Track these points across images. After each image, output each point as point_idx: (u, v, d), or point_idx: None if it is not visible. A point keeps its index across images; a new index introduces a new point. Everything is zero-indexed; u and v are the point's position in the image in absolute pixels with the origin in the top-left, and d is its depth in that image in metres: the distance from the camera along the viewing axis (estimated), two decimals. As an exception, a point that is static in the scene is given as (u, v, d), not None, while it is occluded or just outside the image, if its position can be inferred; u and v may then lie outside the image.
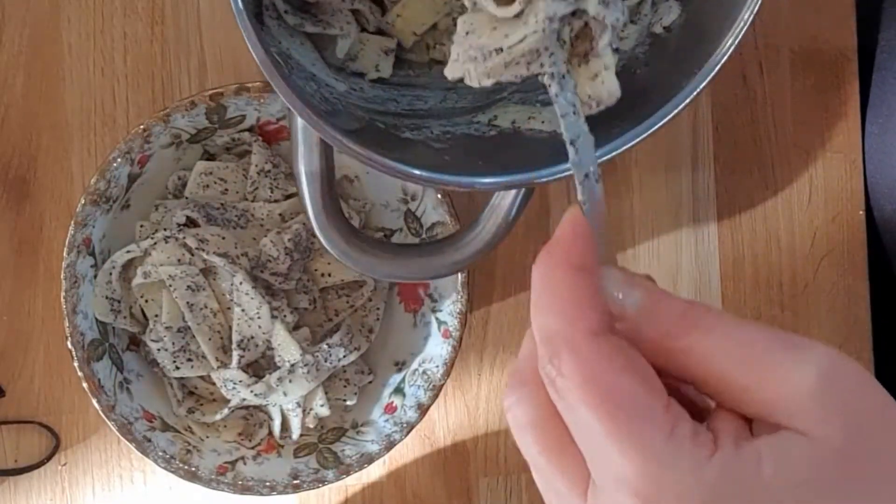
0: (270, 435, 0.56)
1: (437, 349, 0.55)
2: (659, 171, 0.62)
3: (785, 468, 0.29)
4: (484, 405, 0.60)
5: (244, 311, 0.52)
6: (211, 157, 0.55)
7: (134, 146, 0.51)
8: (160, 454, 0.52)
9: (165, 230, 0.53)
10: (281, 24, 0.46)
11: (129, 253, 0.53)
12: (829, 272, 0.64)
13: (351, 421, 0.56)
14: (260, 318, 0.53)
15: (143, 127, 0.51)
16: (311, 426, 0.55)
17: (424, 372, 0.55)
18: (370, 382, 0.56)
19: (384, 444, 0.54)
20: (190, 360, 0.54)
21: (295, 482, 0.53)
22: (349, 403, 0.56)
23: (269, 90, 0.51)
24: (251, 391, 0.53)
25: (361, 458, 0.53)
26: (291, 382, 0.53)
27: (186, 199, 0.54)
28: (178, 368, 0.54)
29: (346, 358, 0.53)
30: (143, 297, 0.53)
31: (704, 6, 0.44)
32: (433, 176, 0.41)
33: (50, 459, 0.56)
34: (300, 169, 0.44)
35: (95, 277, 0.52)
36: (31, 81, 0.55)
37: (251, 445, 0.55)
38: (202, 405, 0.55)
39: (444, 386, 0.54)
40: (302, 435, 0.55)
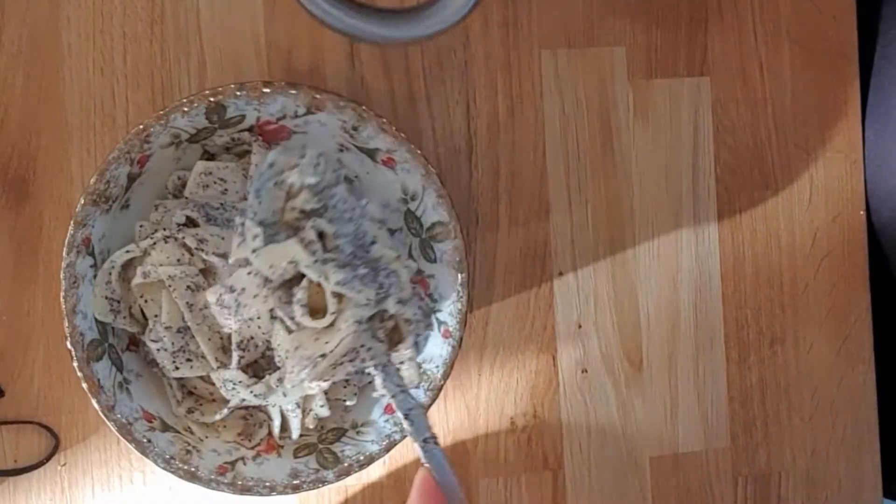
0: (270, 435, 0.56)
1: (437, 349, 0.55)
2: (659, 170, 0.62)
3: None
4: (484, 405, 0.60)
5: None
6: (211, 157, 0.55)
7: (133, 146, 0.51)
8: (160, 454, 0.52)
9: (165, 230, 0.53)
10: None
11: (128, 253, 0.53)
12: (829, 272, 0.64)
13: (351, 421, 0.56)
14: (259, 318, 0.53)
15: (142, 127, 0.51)
16: (310, 426, 0.55)
17: (424, 372, 0.54)
18: (370, 382, 0.56)
19: (384, 444, 0.54)
20: (189, 360, 0.54)
21: (295, 482, 0.53)
22: (349, 404, 0.56)
23: (268, 89, 0.51)
24: (251, 391, 0.53)
25: (361, 458, 0.53)
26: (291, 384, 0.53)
27: (186, 199, 0.54)
28: (177, 368, 0.54)
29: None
30: (142, 296, 0.53)
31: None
32: None
33: (50, 459, 0.56)
34: None
35: (95, 277, 0.52)
36: (31, 81, 0.55)
37: (251, 445, 0.55)
38: (201, 405, 0.55)
39: (444, 386, 0.54)
40: (302, 435, 0.55)
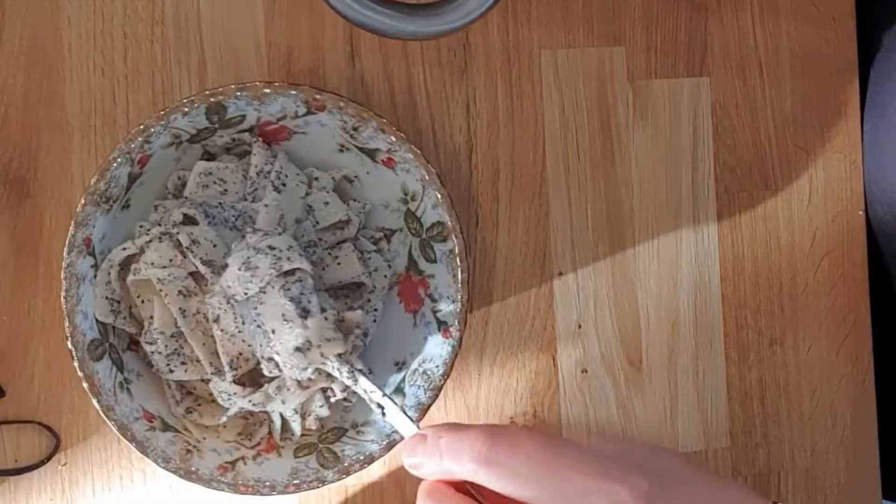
0: (270, 434, 0.56)
1: (437, 349, 0.55)
2: (659, 171, 0.62)
3: None
4: (484, 405, 0.60)
5: (223, 330, 0.52)
6: (211, 157, 0.55)
7: (134, 146, 0.51)
8: (160, 454, 0.52)
9: (161, 227, 0.52)
10: None
11: (124, 250, 0.52)
12: (829, 272, 0.64)
13: (351, 421, 0.56)
14: (240, 331, 0.52)
15: (143, 127, 0.51)
16: (312, 428, 0.55)
17: (424, 372, 0.54)
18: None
19: (384, 443, 0.53)
20: (184, 363, 0.53)
21: (295, 482, 0.53)
22: (349, 403, 0.56)
23: (268, 90, 0.51)
24: (249, 401, 0.53)
25: (361, 458, 0.53)
26: (290, 391, 0.53)
27: (186, 198, 0.54)
28: (171, 371, 0.53)
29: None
30: (139, 296, 0.53)
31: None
32: None
33: (50, 459, 0.56)
34: None
35: (95, 277, 0.52)
36: (31, 81, 0.55)
37: (251, 445, 0.55)
38: (200, 405, 0.55)
39: (443, 386, 0.54)
40: (302, 435, 0.55)
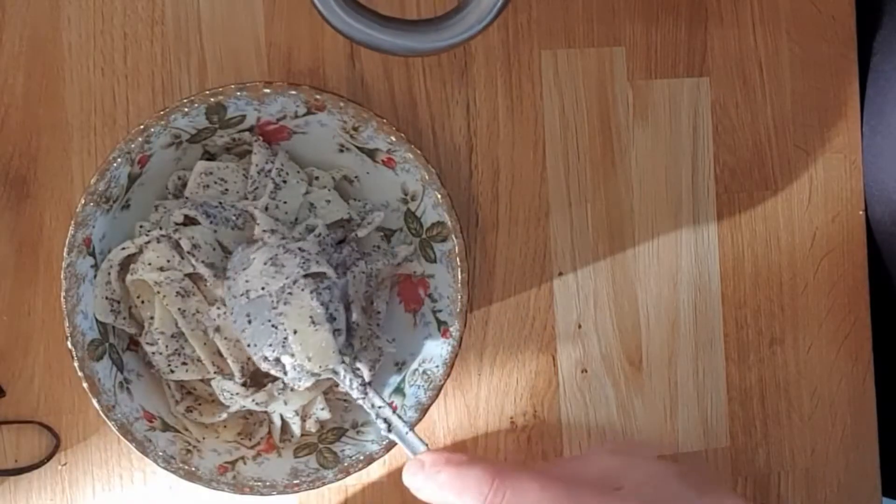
0: (270, 434, 0.56)
1: (437, 349, 0.55)
2: (659, 171, 0.62)
3: None
4: (484, 405, 0.60)
5: (227, 338, 0.52)
6: (211, 157, 0.55)
7: (134, 146, 0.51)
8: (160, 454, 0.52)
9: (161, 229, 0.52)
10: None
11: (124, 250, 0.52)
12: (828, 272, 0.64)
13: (351, 421, 0.56)
14: (243, 332, 0.52)
15: (143, 127, 0.51)
16: (312, 430, 0.55)
17: (424, 372, 0.54)
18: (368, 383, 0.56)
19: (384, 443, 0.53)
20: (185, 363, 0.53)
21: (295, 482, 0.53)
22: (355, 396, 0.55)
23: (268, 90, 0.51)
24: (252, 400, 0.53)
25: (361, 458, 0.53)
26: (293, 391, 0.53)
27: (186, 199, 0.54)
28: (172, 372, 0.53)
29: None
30: (138, 297, 0.53)
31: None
32: None
33: (50, 459, 0.56)
34: None
35: (95, 277, 0.52)
36: (31, 81, 0.55)
37: (251, 444, 0.55)
38: (200, 405, 0.55)
39: (443, 386, 0.54)
40: (302, 435, 0.55)
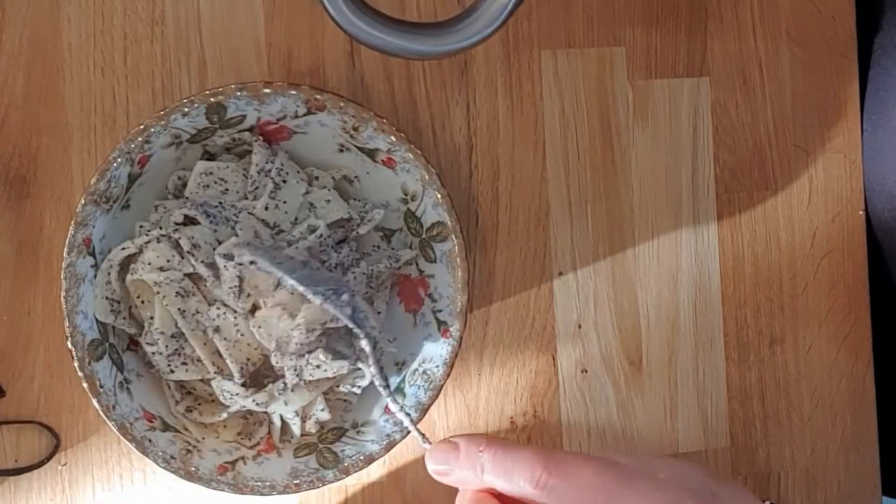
0: (270, 433, 0.56)
1: (437, 349, 0.55)
2: (659, 171, 0.62)
3: None
4: (484, 405, 0.60)
5: (226, 339, 0.52)
6: (211, 157, 0.55)
7: (134, 146, 0.51)
8: (160, 454, 0.52)
9: (161, 229, 0.52)
10: None
11: (124, 250, 0.52)
12: (828, 272, 0.64)
13: (351, 421, 0.56)
14: (242, 335, 0.52)
15: (143, 127, 0.51)
16: (312, 431, 0.55)
17: (424, 372, 0.54)
18: (370, 382, 0.56)
19: (384, 444, 0.53)
20: (185, 363, 0.53)
21: (295, 482, 0.53)
22: (355, 390, 0.55)
23: (268, 90, 0.51)
24: (253, 401, 0.53)
25: (361, 458, 0.53)
26: (294, 392, 0.53)
27: (186, 199, 0.54)
28: (172, 372, 0.53)
29: (342, 369, 0.53)
30: (138, 297, 0.53)
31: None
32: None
33: (50, 459, 0.56)
34: None
35: (95, 277, 0.52)
36: (31, 81, 0.55)
37: (251, 444, 0.55)
38: (200, 405, 0.55)
39: (443, 386, 0.54)
40: (302, 435, 0.55)
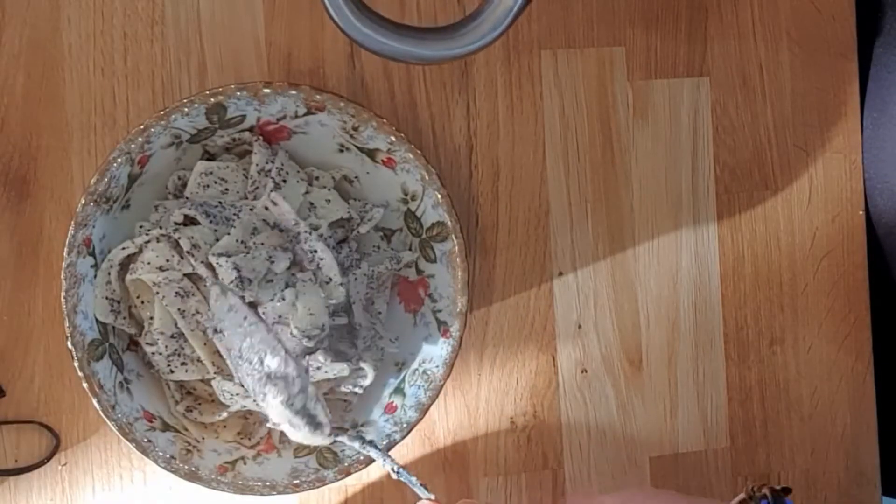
0: (270, 434, 0.56)
1: (437, 349, 0.55)
2: (659, 171, 0.62)
3: None
4: (484, 405, 0.60)
5: (229, 350, 0.52)
6: (211, 157, 0.55)
7: (134, 146, 0.51)
8: (160, 454, 0.52)
9: (161, 228, 0.52)
10: None
11: (124, 250, 0.52)
12: (828, 272, 0.64)
13: (351, 421, 0.56)
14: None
15: (143, 127, 0.51)
16: (312, 430, 0.55)
17: (424, 372, 0.54)
18: (371, 383, 0.56)
19: (384, 443, 0.53)
20: (184, 363, 0.53)
21: (295, 482, 0.53)
22: (357, 390, 0.55)
23: (268, 90, 0.51)
24: (253, 400, 0.53)
25: (361, 458, 0.53)
26: None
27: (186, 199, 0.54)
28: (172, 372, 0.53)
29: (342, 371, 0.53)
30: (138, 297, 0.53)
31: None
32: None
33: (50, 459, 0.56)
34: None
35: (95, 277, 0.52)
36: (31, 81, 0.55)
37: (251, 444, 0.55)
38: (200, 405, 0.55)
39: (444, 386, 0.54)
40: (302, 435, 0.55)
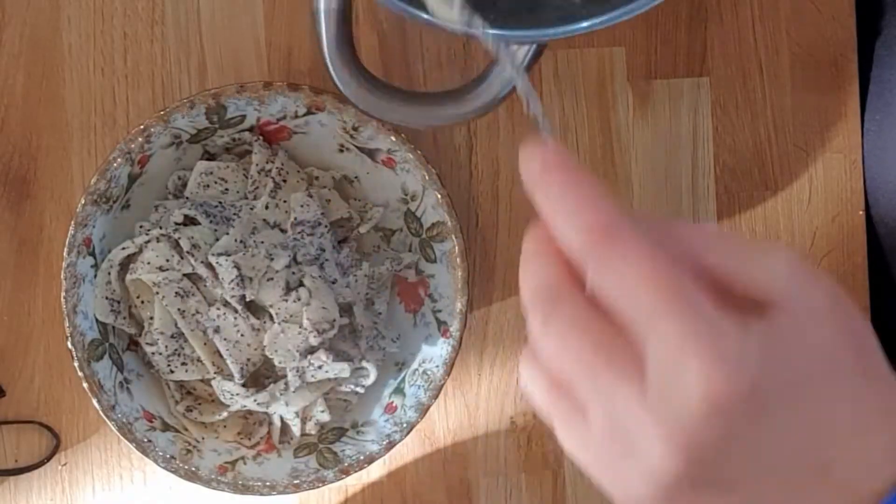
0: (270, 433, 0.56)
1: (437, 349, 0.55)
2: (659, 171, 0.62)
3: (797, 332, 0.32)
4: (484, 405, 0.60)
5: (227, 339, 0.52)
6: (211, 157, 0.55)
7: (134, 146, 0.51)
8: (160, 454, 0.52)
9: (161, 228, 0.53)
10: None
11: (124, 250, 0.52)
12: (829, 272, 0.64)
13: (351, 421, 0.56)
14: (243, 335, 0.52)
15: (143, 127, 0.51)
16: (312, 432, 0.55)
17: (424, 372, 0.54)
18: (372, 383, 0.56)
19: (384, 444, 0.53)
20: (184, 363, 0.53)
21: (295, 482, 0.53)
22: (359, 390, 0.55)
23: (268, 90, 0.51)
24: (254, 401, 0.53)
25: (361, 458, 0.53)
26: (294, 393, 0.53)
27: (186, 199, 0.54)
28: (172, 372, 0.53)
29: (342, 372, 0.53)
30: (138, 297, 0.53)
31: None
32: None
33: (50, 459, 0.56)
34: (318, 6, 0.45)
35: (95, 277, 0.52)
36: (31, 81, 0.55)
37: (251, 444, 0.55)
38: (200, 405, 0.55)
39: (444, 386, 0.54)
40: (302, 435, 0.55)
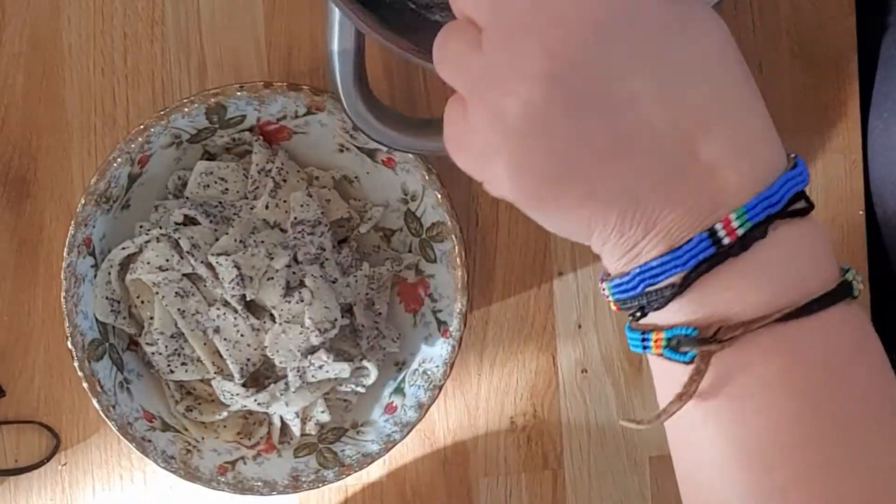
0: (270, 433, 0.56)
1: (437, 349, 0.55)
2: (659, 171, 0.61)
3: None
4: (484, 405, 0.60)
5: (227, 339, 0.52)
6: (211, 157, 0.55)
7: (134, 146, 0.51)
8: (160, 454, 0.52)
9: (161, 228, 0.53)
10: None
11: (124, 250, 0.53)
12: (829, 272, 0.64)
13: (351, 421, 0.56)
14: (243, 335, 0.52)
15: (143, 127, 0.51)
16: (312, 432, 0.55)
17: (424, 372, 0.54)
18: (372, 382, 0.56)
19: (384, 444, 0.53)
20: (184, 363, 0.53)
21: (295, 482, 0.53)
22: (360, 389, 0.55)
23: (268, 90, 0.51)
24: (254, 400, 0.53)
25: (361, 458, 0.53)
26: (294, 393, 0.53)
27: (186, 198, 0.54)
28: (172, 372, 0.53)
29: (343, 372, 0.53)
30: (138, 297, 0.53)
31: None
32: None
33: (50, 459, 0.56)
34: (333, 48, 0.46)
35: (95, 277, 0.52)
36: (31, 81, 0.55)
37: (250, 444, 0.55)
38: (200, 405, 0.55)
39: (444, 386, 0.54)
40: (302, 435, 0.55)
